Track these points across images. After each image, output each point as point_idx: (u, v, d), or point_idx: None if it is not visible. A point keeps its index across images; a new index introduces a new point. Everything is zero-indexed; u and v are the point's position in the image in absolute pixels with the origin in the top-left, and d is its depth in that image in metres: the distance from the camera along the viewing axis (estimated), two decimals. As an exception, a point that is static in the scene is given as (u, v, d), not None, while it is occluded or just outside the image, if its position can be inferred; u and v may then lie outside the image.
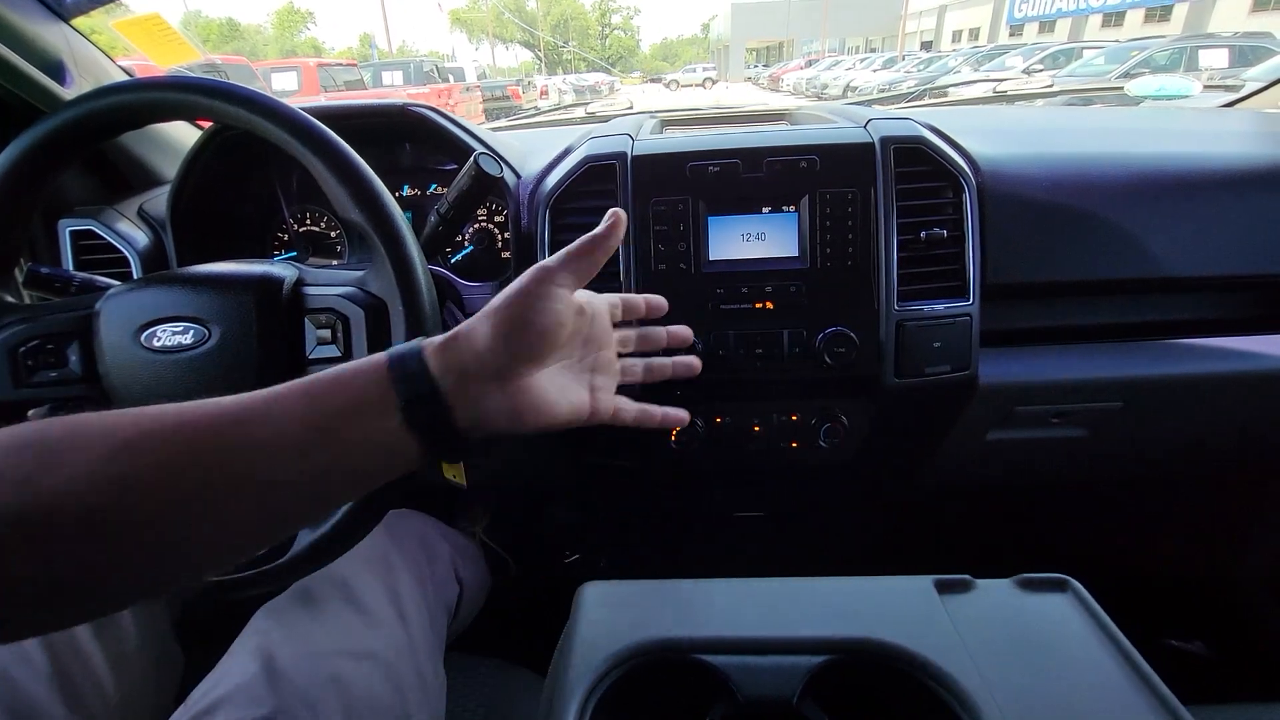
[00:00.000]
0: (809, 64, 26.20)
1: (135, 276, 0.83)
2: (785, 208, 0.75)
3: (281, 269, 0.59)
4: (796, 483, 0.91)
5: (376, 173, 0.54)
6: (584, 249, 0.45)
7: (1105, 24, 20.38)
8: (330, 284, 0.58)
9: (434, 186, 0.97)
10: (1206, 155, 0.82)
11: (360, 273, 0.57)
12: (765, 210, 0.75)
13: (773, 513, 0.99)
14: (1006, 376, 0.81)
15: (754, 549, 1.05)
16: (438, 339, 0.40)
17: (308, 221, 0.98)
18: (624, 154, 0.76)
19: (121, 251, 0.84)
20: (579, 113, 1.34)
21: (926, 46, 32.59)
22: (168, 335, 0.55)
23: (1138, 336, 0.86)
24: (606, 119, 1.32)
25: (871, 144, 0.74)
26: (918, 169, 0.75)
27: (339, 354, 0.55)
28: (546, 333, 0.41)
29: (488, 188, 0.66)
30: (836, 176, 0.74)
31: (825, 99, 18.50)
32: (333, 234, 0.98)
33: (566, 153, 0.85)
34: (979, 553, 1.17)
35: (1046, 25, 22.50)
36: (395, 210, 0.53)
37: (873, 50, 38.45)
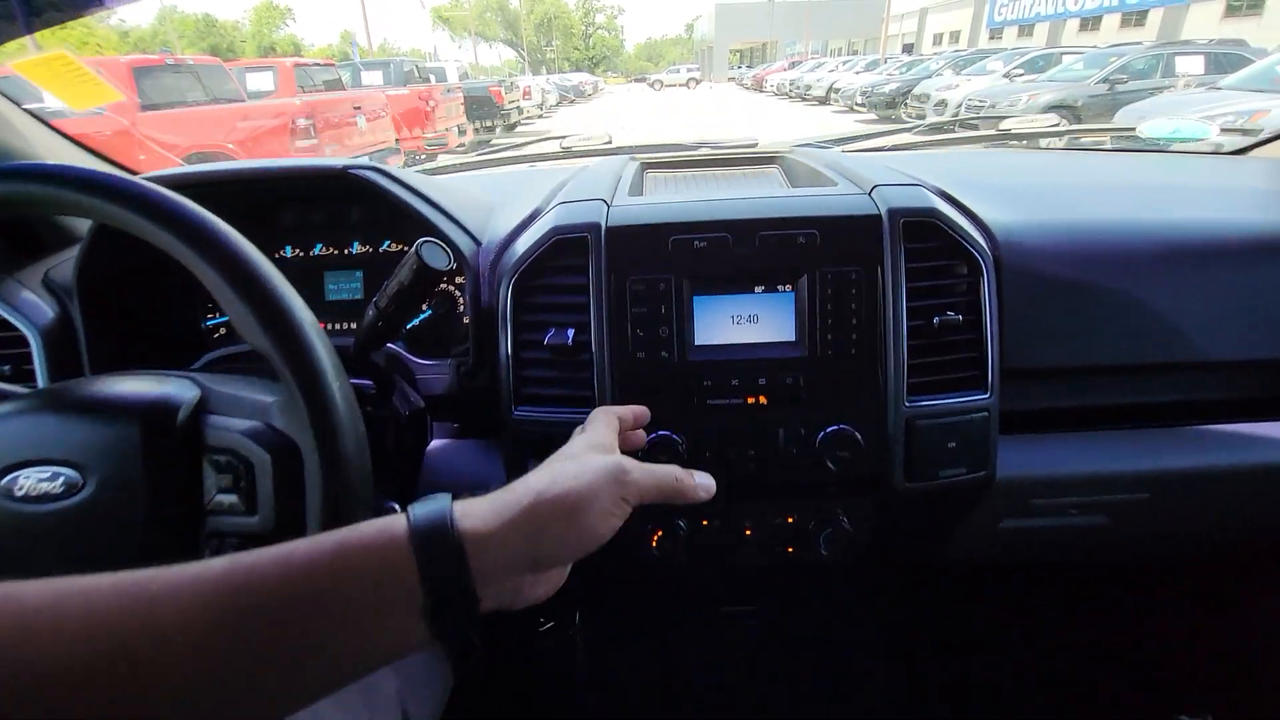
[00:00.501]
0: (792, 65, 26.25)
1: (37, 361, 0.72)
2: (781, 287, 0.66)
3: (179, 388, 0.49)
4: (789, 581, 0.83)
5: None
6: (671, 492, 0.44)
7: (1083, 28, 20.64)
8: (237, 413, 0.48)
9: (388, 243, 0.87)
10: (1235, 223, 0.74)
11: (271, 400, 0.47)
12: (758, 290, 0.66)
13: (763, 608, 0.90)
14: (1024, 470, 0.73)
15: (743, 644, 0.96)
16: (469, 524, 0.35)
17: None
18: (597, 225, 0.67)
19: (20, 330, 0.72)
20: (552, 146, 1.25)
21: (908, 49, 32.85)
22: (32, 483, 0.45)
23: (1165, 418, 0.78)
24: (582, 154, 1.23)
25: (878, 216, 0.65)
26: (930, 245, 0.66)
27: (242, 508, 0.45)
28: (604, 538, 0.38)
29: (433, 281, 0.56)
30: (839, 253, 0.65)
31: (809, 100, 18.57)
32: None
33: (533, 217, 0.75)
34: (986, 635, 1.10)
35: (1025, 29, 22.75)
36: (309, 334, 0.43)
37: (855, 53, 38.65)
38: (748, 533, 0.72)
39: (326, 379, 0.43)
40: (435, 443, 0.79)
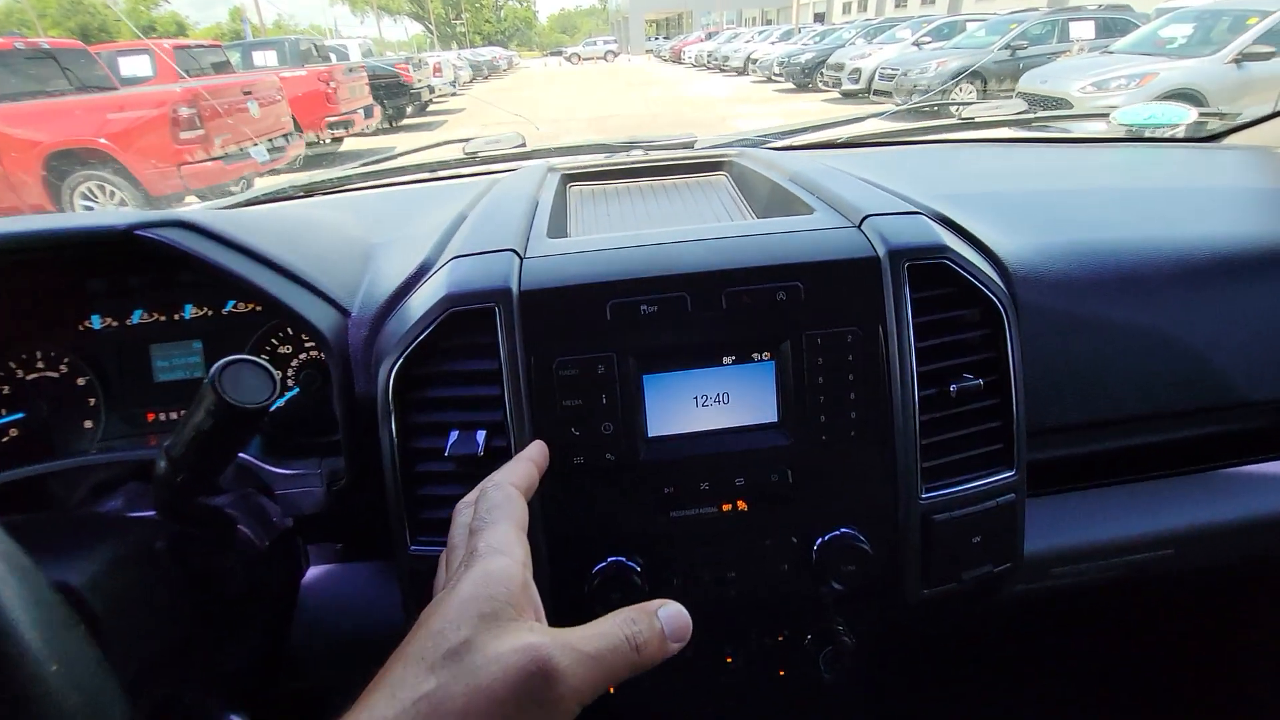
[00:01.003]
0: (709, 36, 26.02)
1: None
2: (757, 356, 0.50)
3: None
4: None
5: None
6: (627, 668, 0.31)
7: (983, -6, 21.34)
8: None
9: (231, 304, 0.66)
10: (1251, 237, 0.64)
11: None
12: (727, 361, 0.50)
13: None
14: (1045, 544, 0.61)
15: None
16: None
17: (40, 364, 0.65)
18: (506, 290, 0.49)
19: None
20: (455, 152, 1.04)
21: (819, 18, 33.21)
22: None
23: (1187, 461, 0.68)
24: (490, 160, 1.03)
25: (876, 259, 0.50)
26: (940, 291, 0.52)
27: None
28: None
29: (246, 423, 0.38)
30: (830, 310, 0.50)
31: (727, 71, 18.45)
32: (80, 381, 0.65)
33: (421, 272, 0.56)
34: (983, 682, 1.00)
35: (929, -3, 23.35)
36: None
37: (769, 22, 38.80)
38: (728, 660, 0.57)
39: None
40: (314, 571, 0.60)
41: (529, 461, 0.42)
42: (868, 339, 0.50)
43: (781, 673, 0.58)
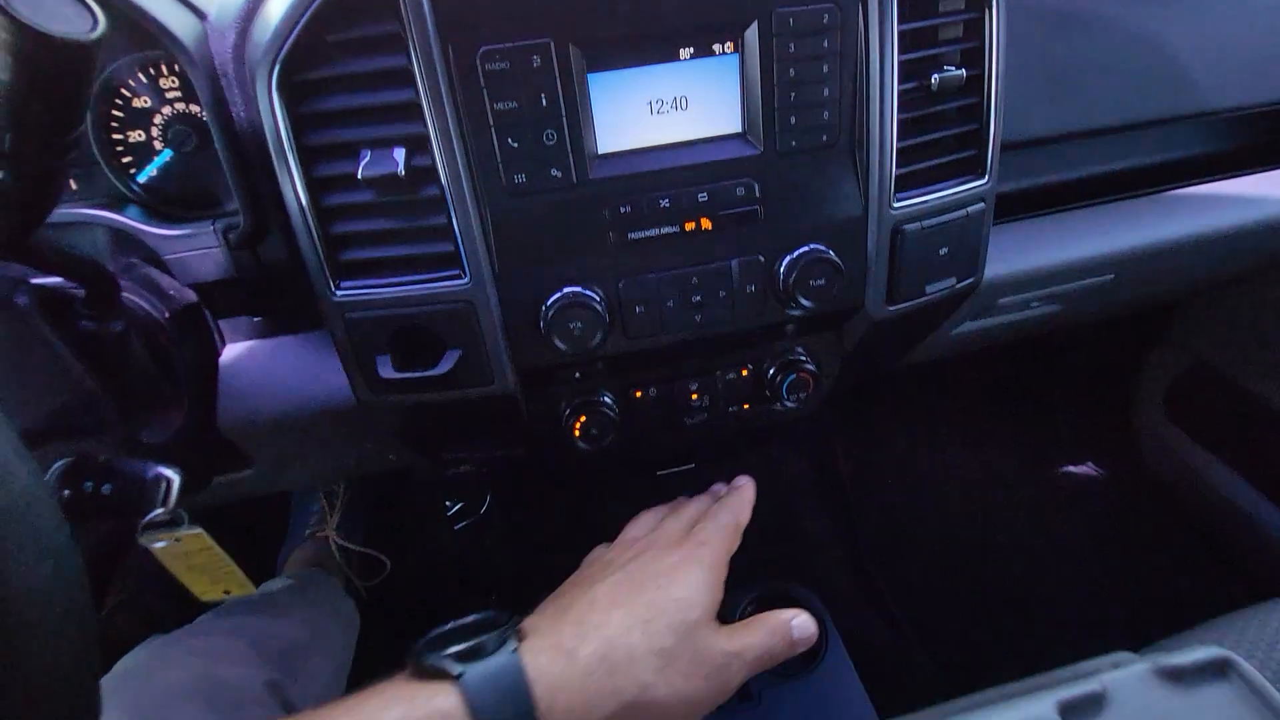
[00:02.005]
0: None
1: None
2: (718, 48, 0.43)
3: None
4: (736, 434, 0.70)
5: None
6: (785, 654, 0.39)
7: None
8: None
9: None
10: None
11: None
12: (685, 55, 0.43)
13: (703, 462, 0.78)
14: (999, 270, 0.61)
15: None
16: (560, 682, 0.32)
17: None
18: (406, -46, 0.38)
19: None
20: None
21: None
22: None
23: (1128, 187, 0.68)
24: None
25: (856, -86, 0.42)
26: (923, -38, 0.44)
27: None
28: None
29: (71, 70, 0.28)
30: (802, -18, 0.42)
31: None
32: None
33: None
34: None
35: None
36: None
37: None
38: (694, 396, 0.56)
39: None
40: (234, 348, 0.54)
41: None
42: (845, 17, 0.43)
43: (746, 406, 0.58)
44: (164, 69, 0.48)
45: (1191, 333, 1.08)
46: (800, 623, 0.40)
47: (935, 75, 0.46)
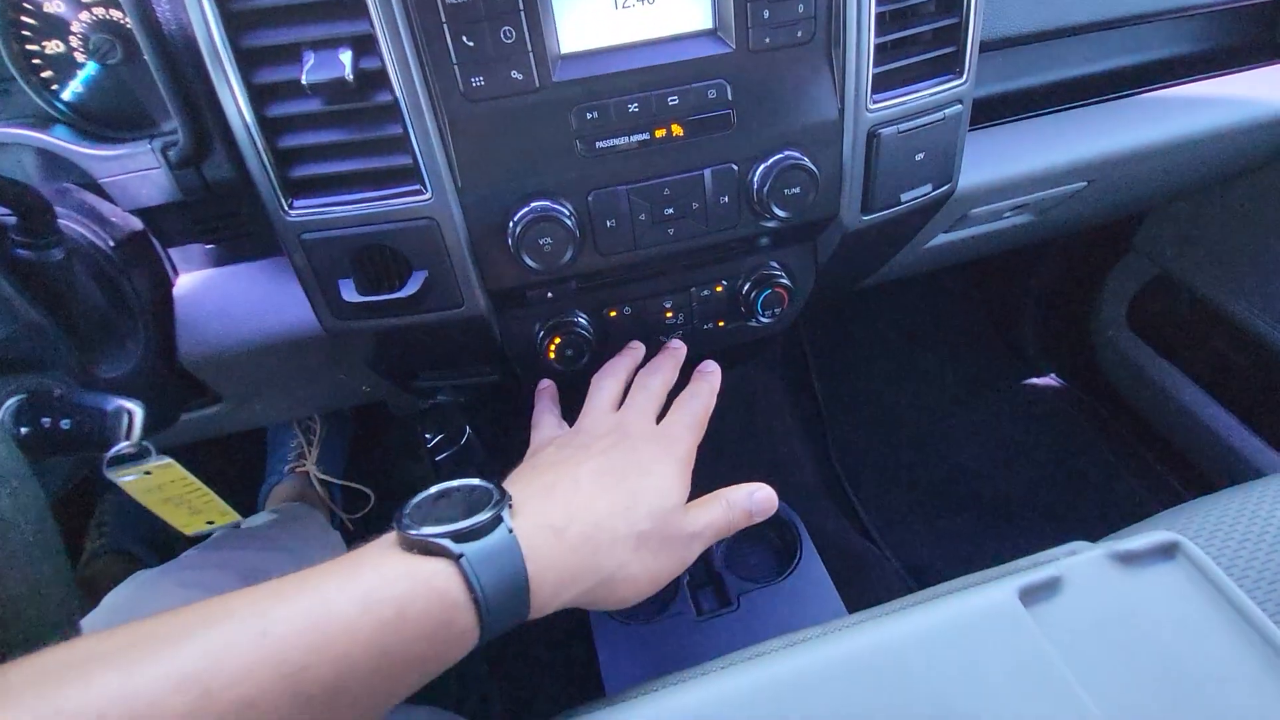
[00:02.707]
0: None
1: None
2: (686, -65, 0.40)
3: None
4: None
5: None
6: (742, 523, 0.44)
7: None
8: None
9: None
10: None
11: None
12: (650, -57, 0.40)
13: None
14: (972, 179, 0.60)
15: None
16: (540, 596, 0.34)
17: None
18: None
19: None
20: None
21: None
22: None
23: (1104, 91, 0.67)
24: None
25: None
26: None
27: None
28: None
29: None
30: None
31: None
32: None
33: None
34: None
35: None
36: None
37: None
38: (668, 315, 0.56)
39: None
40: (187, 279, 0.52)
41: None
42: (821, -101, 0.40)
43: (721, 323, 0.58)
44: (75, -34, 0.44)
45: (1156, 245, 1.10)
46: (760, 496, 0.44)
47: (914, -37, 0.43)
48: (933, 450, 1.19)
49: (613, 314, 0.54)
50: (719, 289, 0.56)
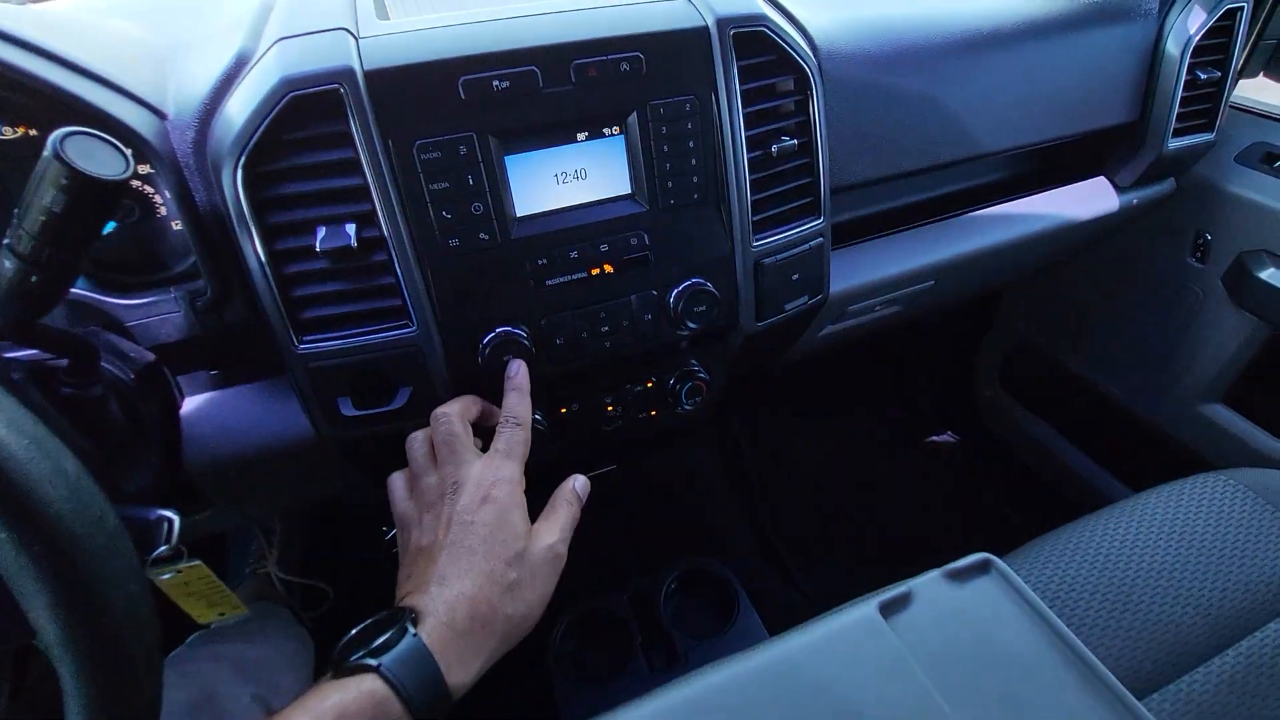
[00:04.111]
0: None
1: None
2: (608, 130, 0.55)
3: None
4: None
5: None
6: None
7: None
8: None
9: (2, 127, 0.55)
10: (1006, 8, 0.76)
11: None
12: (582, 138, 0.54)
13: (624, 462, 0.90)
14: (844, 285, 0.76)
15: (608, 505, 0.97)
16: (454, 679, 0.40)
17: None
18: (350, 70, 0.47)
19: None
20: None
21: None
22: None
23: (941, 210, 0.86)
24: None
25: (706, 28, 0.55)
26: (759, 60, 0.58)
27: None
28: None
29: (106, 198, 0.36)
30: (669, 80, 0.54)
31: None
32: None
33: (241, 64, 0.51)
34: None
35: None
36: None
37: None
38: (609, 409, 0.67)
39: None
40: (192, 401, 0.60)
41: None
42: (703, 106, 0.55)
43: (653, 413, 0.70)
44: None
45: (1014, 318, 1.32)
46: (581, 483, 0.52)
47: (775, 145, 0.59)
48: (851, 505, 1.33)
49: (564, 410, 0.66)
50: (650, 385, 0.68)
